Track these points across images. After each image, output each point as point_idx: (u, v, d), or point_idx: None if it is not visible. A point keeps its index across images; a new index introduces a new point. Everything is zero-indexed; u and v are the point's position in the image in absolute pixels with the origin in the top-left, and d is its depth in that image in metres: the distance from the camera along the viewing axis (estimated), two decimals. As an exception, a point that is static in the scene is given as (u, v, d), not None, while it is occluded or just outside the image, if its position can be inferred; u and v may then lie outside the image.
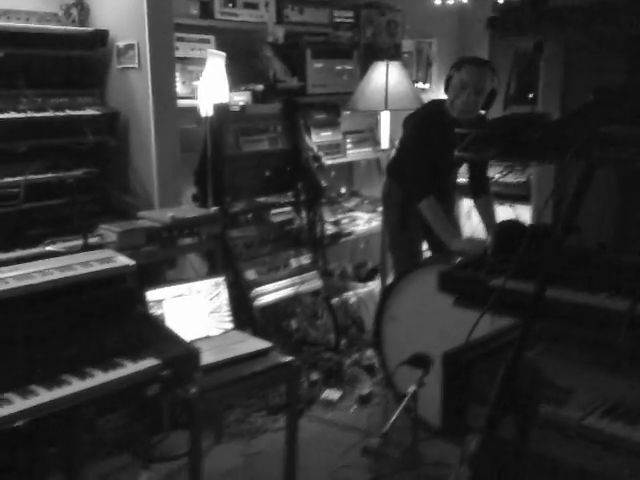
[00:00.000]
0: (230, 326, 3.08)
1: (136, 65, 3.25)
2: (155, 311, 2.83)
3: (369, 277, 4.75)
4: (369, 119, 4.81)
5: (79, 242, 2.93)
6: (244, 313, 3.45)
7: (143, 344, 2.39)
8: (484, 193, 3.64)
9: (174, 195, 3.40)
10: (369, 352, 4.00)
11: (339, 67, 4.48)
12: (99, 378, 2.15)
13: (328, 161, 4.23)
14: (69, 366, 2.19)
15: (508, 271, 1.65)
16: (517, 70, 5.13)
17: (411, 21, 5.05)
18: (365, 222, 4.53)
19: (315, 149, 3.93)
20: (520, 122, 1.70)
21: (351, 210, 4.70)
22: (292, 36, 4.20)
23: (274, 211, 3.95)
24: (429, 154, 3.38)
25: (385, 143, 4.24)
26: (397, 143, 3.72)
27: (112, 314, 2.47)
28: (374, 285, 4.54)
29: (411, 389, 2.81)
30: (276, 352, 2.95)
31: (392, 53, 4.04)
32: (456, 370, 1.64)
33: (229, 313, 3.09)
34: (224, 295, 3.08)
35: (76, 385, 2.10)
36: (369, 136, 4.81)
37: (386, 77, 3.92)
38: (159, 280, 3.11)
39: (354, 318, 4.24)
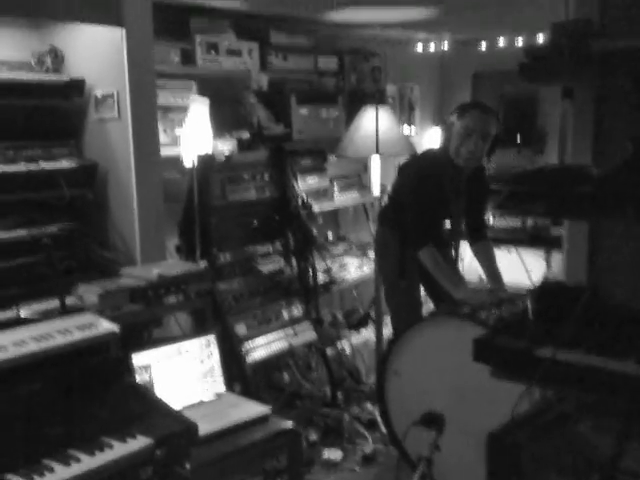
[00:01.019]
0: (222, 388, 2.87)
1: (115, 115, 3.08)
2: (142, 378, 2.61)
3: (360, 324, 4.57)
4: (356, 164, 4.69)
5: (56, 304, 2.71)
6: (235, 370, 3.24)
7: (132, 420, 2.17)
8: (483, 238, 3.50)
9: (157, 249, 3.21)
10: (369, 405, 3.79)
11: (324, 113, 4.38)
12: (85, 463, 1.92)
13: (316, 207, 4.08)
14: (50, 449, 1.96)
15: (559, 340, 1.47)
16: (504, 114, 5.08)
17: (393, 67, 4.99)
18: (356, 268, 4.36)
19: (304, 196, 3.77)
20: (563, 176, 1.55)
21: (340, 256, 4.54)
22: (276, 83, 4.08)
23: (263, 261, 3.77)
24: (430, 203, 3.25)
25: (375, 189, 4.10)
26: (389, 190, 3.59)
27: (96, 387, 2.25)
28: (368, 333, 4.36)
29: (425, 453, 2.61)
30: (275, 417, 2.74)
31: (377, 98, 3.93)
32: (504, 454, 1.45)
33: (221, 374, 2.88)
34: (215, 355, 2.88)
35: (60, 472, 1.88)
36: (356, 181, 4.69)
37: (376, 122, 3.80)
38: (144, 341, 2.89)
39: (350, 369, 4.04)
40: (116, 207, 3.20)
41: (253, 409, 2.73)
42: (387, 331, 4.32)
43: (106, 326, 2.35)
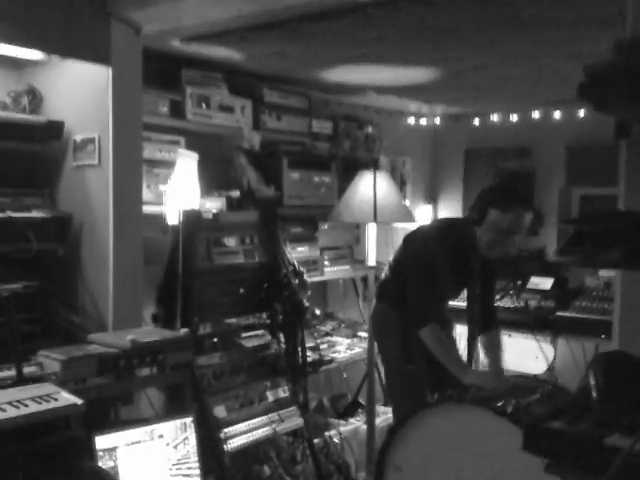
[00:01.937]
0: (199, 481, 2.45)
1: (95, 162, 2.77)
2: (106, 464, 2.19)
3: (348, 412, 4.16)
4: (347, 235, 4.40)
5: (11, 373, 2.30)
6: (212, 459, 2.81)
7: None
8: (494, 326, 3.20)
9: (133, 315, 2.83)
10: (361, 508, 3.35)
11: (317, 179, 4.12)
12: None
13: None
14: None
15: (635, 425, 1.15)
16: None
17: (385, 139, 4.81)
18: (346, 348, 3.99)
19: (296, 263, 3.45)
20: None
21: (328, 334, 4.18)
22: (268, 144, 3.84)
23: (248, 334, 3.39)
24: (440, 279, 2.96)
25: (371, 259, 3.80)
26: (391, 261, 3.29)
27: (51, 471, 1.84)
28: (358, 422, 3.95)
29: None
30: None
31: (372, 167, 3.71)
32: None
33: (198, 464, 2.47)
34: (192, 441, 2.47)
35: None
36: (347, 253, 4.39)
37: (374, 188, 3.54)
38: (110, 422, 2.48)
39: (338, 463, 3.60)
40: (89, 265, 2.84)
41: (235, 506, 2.31)
42: (379, 420, 3.93)
43: (67, 399, 1.96)
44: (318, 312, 4.47)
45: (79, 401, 1.95)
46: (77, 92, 2.82)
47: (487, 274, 3.18)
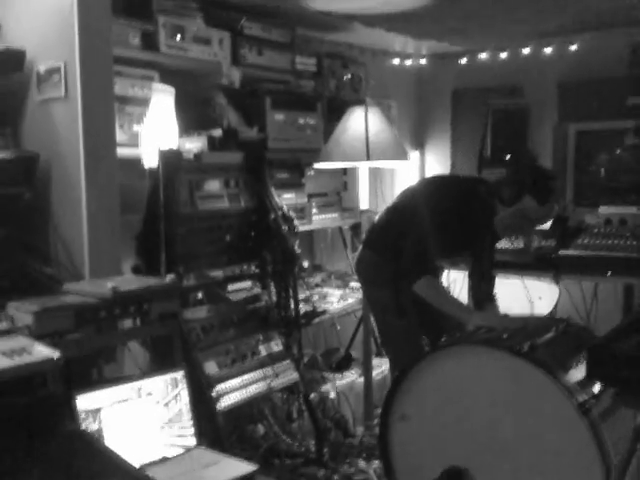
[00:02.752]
0: (192, 441, 2.23)
1: (62, 94, 2.47)
2: (89, 426, 1.95)
3: (342, 366, 3.96)
4: (335, 181, 4.14)
5: (-22, 330, 2.04)
6: (203, 419, 2.58)
7: (77, 477, 1.53)
8: (491, 301, 3.03)
9: (111, 265, 2.57)
10: (362, 463, 3.17)
11: (302, 120, 3.84)
12: None
13: (291, 227, 3.51)
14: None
15: None
16: (492, 130, 4.65)
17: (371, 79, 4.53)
18: (338, 299, 3.78)
19: (285, 208, 3.20)
20: None
21: (319, 286, 3.95)
22: (249, 81, 3.54)
23: (235, 286, 3.16)
24: (446, 245, 2.79)
25: (364, 204, 3.56)
26: (390, 209, 3.06)
27: (26, 435, 1.60)
28: (354, 375, 3.76)
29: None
30: (263, 477, 2.11)
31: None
32: None
33: (191, 423, 2.24)
34: (184, 398, 2.24)
35: None
36: (335, 200, 4.13)
37: (365, 124, 3.29)
38: (92, 381, 2.24)
39: (336, 419, 3.41)
40: (60, 211, 2.56)
41: (234, 468, 2.09)
42: (374, 373, 3.74)
43: (42, 352, 1.71)
44: (306, 264, 4.24)
45: (56, 354, 1.70)
46: (39, 17, 2.51)
47: (491, 244, 3.01)
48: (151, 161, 2.80)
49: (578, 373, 2.34)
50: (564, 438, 2.22)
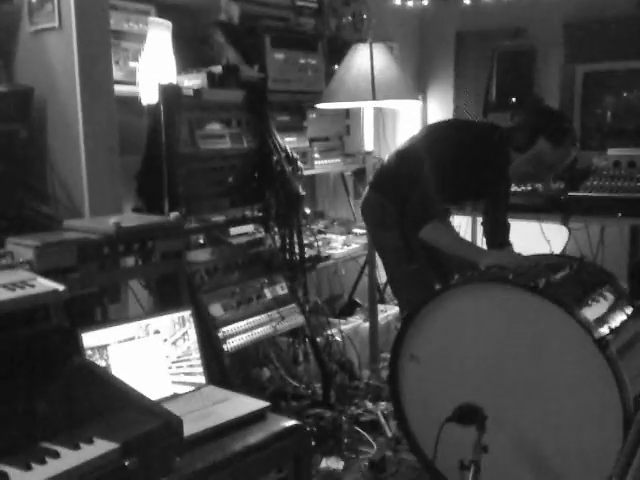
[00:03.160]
0: (202, 379, 2.18)
1: (56, 24, 2.36)
2: (97, 362, 1.89)
3: (345, 312, 3.92)
4: (337, 125, 4.03)
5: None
6: (210, 360, 2.53)
7: (87, 416, 1.48)
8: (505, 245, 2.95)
9: (112, 205, 2.49)
10: (369, 404, 3.14)
11: (302, 60, 3.71)
12: (15, 483, 1.22)
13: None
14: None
15: None
16: (497, 73, 4.52)
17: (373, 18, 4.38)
18: (342, 244, 3.71)
19: (289, 149, 3.10)
20: None
21: (322, 232, 3.88)
22: (248, 18, 3.41)
23: (238, 230, 3.08)
24: (459, 190, 2.76)
25: (368, 146, 3.47)
26: (400, 151, 2.96)
27: (32, 369, 1.54)
28: (359, 320, 3.72)
29: (472, 457, 1.97)
30: (275, 414, 2.07)
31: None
32: None
33: (200, 361, 2.19)
34: (192, 336, 2.18)
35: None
36: (338, 145, 4.03)
37: (370, 61, 3.18)
38: (96, 320, 2.17)
39: (341, 362, 3.37)
40: (57, 149, 2.47)
41: (246, 404, 2.05)
42: (379, 318, 3.70)
43: (46, 285, 1.64)
44: (308, 211, 4.16)
45: (60, 287, 1.63)
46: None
47: (505, 191, 2.94)
48: (149, 98, 2.70)
49: (594, 310, 2.29)
50: (581, 374, 2.19)
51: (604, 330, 2.19)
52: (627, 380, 2.12)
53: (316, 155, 3.82)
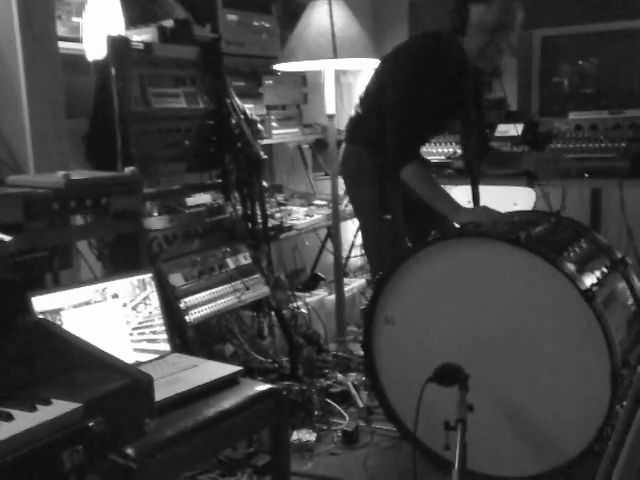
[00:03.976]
0: (167, 347, 2.00)
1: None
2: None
3: (308, 286, 3.78)
4: (294, 92, 3.87)
5: None
6: (173, 332, 2.36)
7: (46, 377, 1.30)
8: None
9: (59, 163, 2.28)
10: (339, 375, 3.01)
11: (256, 23, 3.54)
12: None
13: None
14: None
15: None
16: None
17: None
18: (305, 215, 3.56)
19: (247, 111, 2.93)
20: None
21: (282, 204, 3.72)
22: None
23: (197, 199, 2.90)
24: (433, 109, 2.52)
25: (330, 107, 3.33)
26: (362, 96, 2.82)
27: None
28: (324, 293, 3.58)
29: (457, 416, 1.85)
30: (248, 379, 1.92)
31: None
32: None
33: (164, 328, 2.02)
34: (154, 301, 2.01)
35: None
36: (295, 114, 3.87)
37: (330, 18, 3.04)
38: (45, 284, 1.97)
39: (308, 335, 3.23)
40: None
41: (217, 369, 1.89)
42: (346, 290, 3.57)
43: (-11, 234, 1.44)
44: (266, 184, 3.99)
45: (6, 237, 1.44)
46: None
47: (478, 95, 2.79)
48: (96, 53, 2.50)
49: (576, 262, 2.21)
50: (566, 327, 2.10)
51: (589, 282, 2.10)
52: (614, 332, 2.04)
53: (274, 124, 3.66)
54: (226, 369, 1.88)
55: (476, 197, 2.80)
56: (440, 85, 2.51)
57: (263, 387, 1.85)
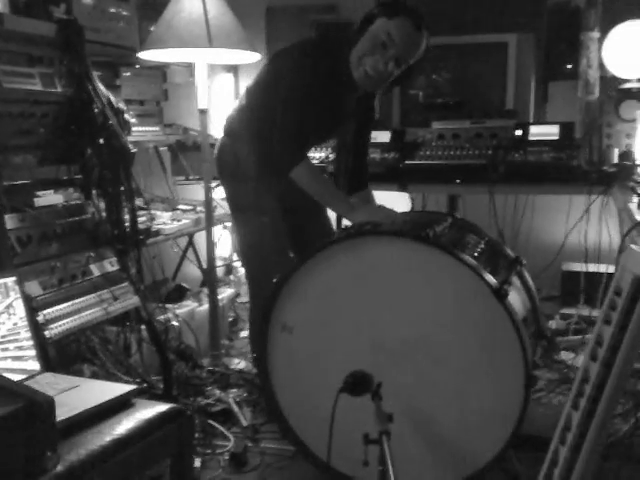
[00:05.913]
0: (36, 366, 1.65)
1: None
2: None
3: (173, 298, 3.45)
4: (154, 87, 3.54)
5: None
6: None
7: None
8: (364, 186, 2.74)
9: None
10: (218, 392, 2.73)
11: (113, 10, 3.20)
12: None
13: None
14: None
15: None
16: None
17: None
18: (171, 219, 3.25)
19: (112, 98, 2.60)
20: None
21: (143, 209, 3.37)
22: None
23: (53, 192, 2.52)
24: (320, 110, 2.37)
25: (202, 102, 3.07)
26: (248, 89, 2.60)
27: None
28: (194, 304, 3.28)
29: (380, 428, 1.68)
30: (143, 400, 1.62)
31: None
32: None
33: (32, 342, 1.66)
34: (20, 311, 1.65)
35: None
36: (155, 111, 3.54)
37: (203, 5, 2.79)
38: None
39: (180, 350, 2.92)
40: None
41: (105, 390, 1.57)
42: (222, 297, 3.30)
43: None
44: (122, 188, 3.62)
45: None
46: None
47: (364, 119, 2.68)
48: None
49: (481, 261, 2.14)
50: (478, 327, 2.01)
51: (499, 280, 2.03)
52: (525, 331, 1.99)
53: (133, 120, 3.32)
54: (116, 389, 1.58)
55: None
56: (315, 86, 2.34)
57: (163, 407, 1.56)
